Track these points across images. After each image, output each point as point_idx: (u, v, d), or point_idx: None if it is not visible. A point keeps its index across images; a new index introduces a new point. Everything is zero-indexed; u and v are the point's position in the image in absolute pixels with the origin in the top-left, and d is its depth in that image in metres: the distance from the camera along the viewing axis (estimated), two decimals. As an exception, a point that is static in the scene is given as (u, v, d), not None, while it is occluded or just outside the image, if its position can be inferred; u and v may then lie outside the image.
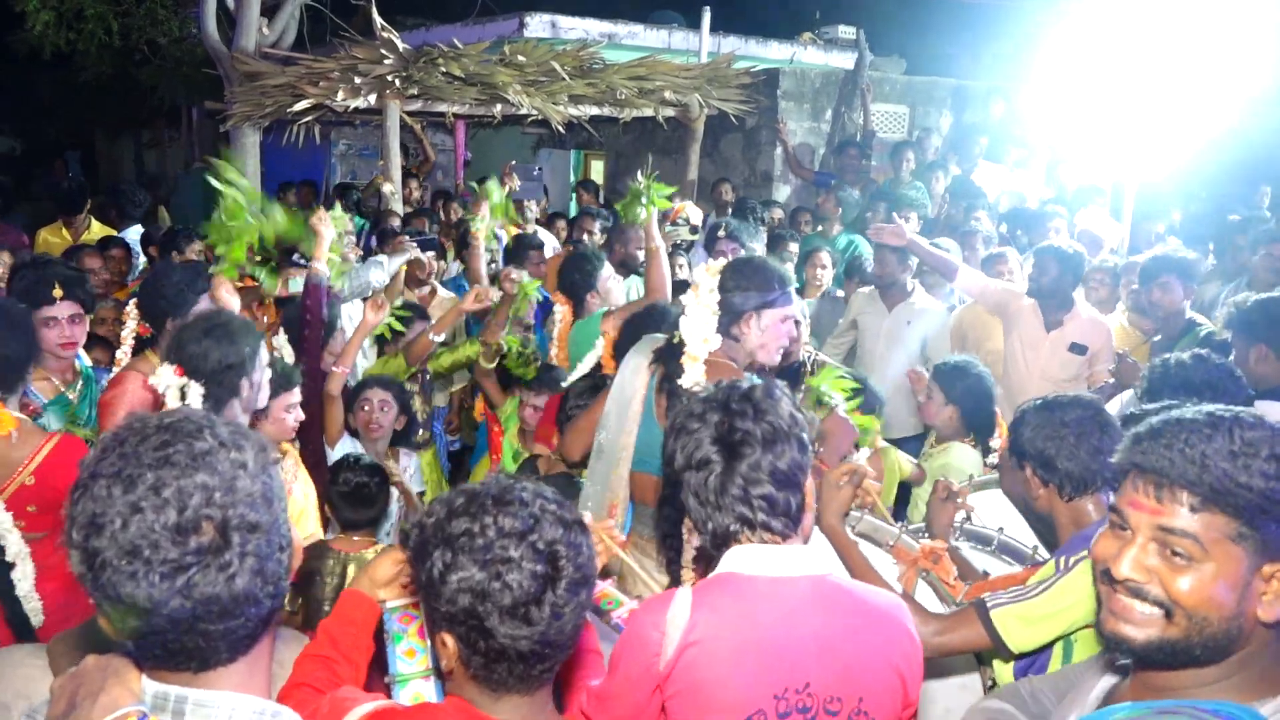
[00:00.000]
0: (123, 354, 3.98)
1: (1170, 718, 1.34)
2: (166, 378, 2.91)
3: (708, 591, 1.90)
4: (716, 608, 1.86)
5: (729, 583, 1.90)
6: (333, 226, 4.20)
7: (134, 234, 7.37)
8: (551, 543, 1.54)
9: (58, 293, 3.73)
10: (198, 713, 1.26)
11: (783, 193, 10.34)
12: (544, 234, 7.91)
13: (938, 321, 5.74)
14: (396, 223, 7.52)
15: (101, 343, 4.78)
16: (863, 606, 1.92)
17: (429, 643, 1.94)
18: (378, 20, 8.64)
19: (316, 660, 1.91)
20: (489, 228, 5.59)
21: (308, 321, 4.06)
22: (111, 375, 3.80)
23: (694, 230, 6.42)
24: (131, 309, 4.00)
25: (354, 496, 3.52)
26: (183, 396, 2.92)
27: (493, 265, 6.49)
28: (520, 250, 6.41)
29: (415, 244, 5.89)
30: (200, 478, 1.21)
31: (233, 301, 3.69)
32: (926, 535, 2.92)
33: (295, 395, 3.51)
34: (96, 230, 7.22)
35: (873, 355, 5.73)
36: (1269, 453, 1.36)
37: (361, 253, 6.29)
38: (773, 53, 11.64)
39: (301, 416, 3.54)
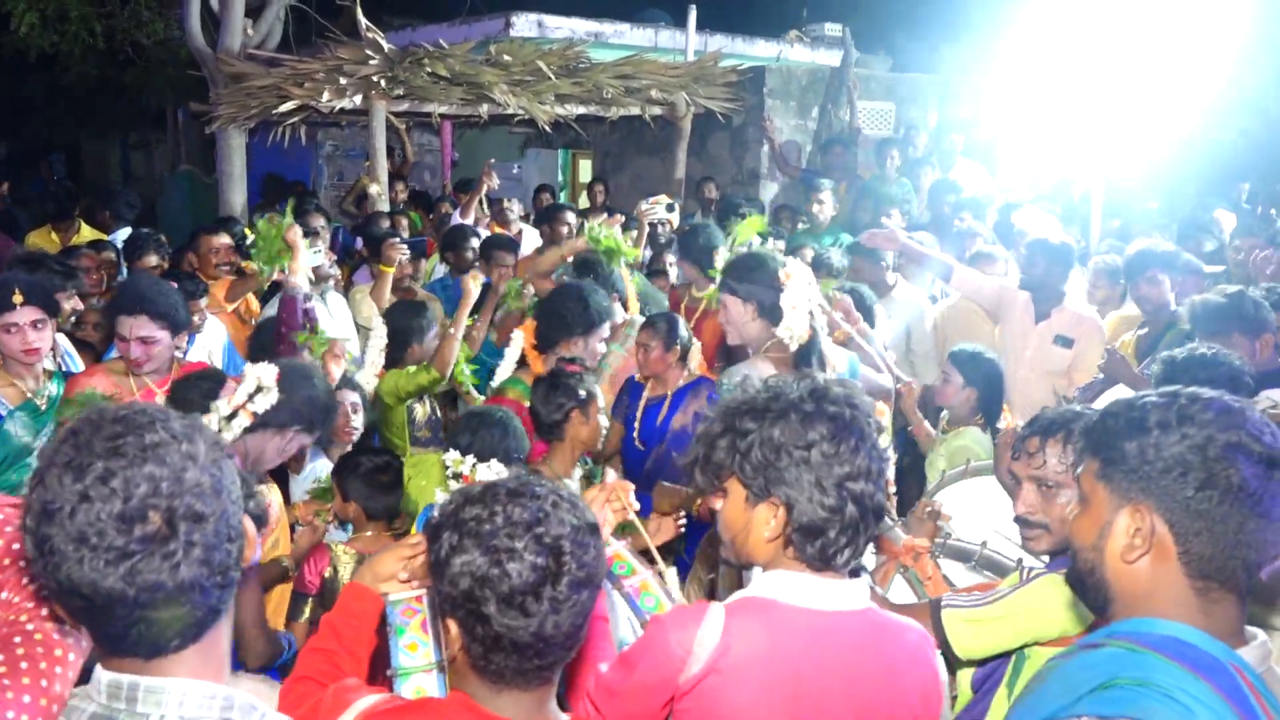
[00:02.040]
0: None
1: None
2: (259, 372, 2.93)
3: (741, 615, 1.82)
4: (748, 635, 1.79)
5: (765, 609, 1.82)
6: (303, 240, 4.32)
7: (120, 236, 7.33)
8: (558, 538, 1.54)
9: (18, 298, 3.63)
10: (149, 699, 1.29)
11: (770, 190, 10.36)
12: (530, 232, 7.91)
13: (918, 311, 5.81)
14: (387, 223, 7.49)
15: (90, 347, 4.75)
16: (895, 648, 1.86)
17: (431, 636, 1.97)
18: (363, 21, 8.63)
19: (319, 653, 1.93)
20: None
21: (282, 335, 4.03)
22: None
23: (670, 208, 6.38)
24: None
25: (376, 481, 3.41)
26: (254, 394, 2.93)
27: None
28: (487, 250, 6.14)
29: (408, 247, 5.98)
30: (148, 468, 1.24)
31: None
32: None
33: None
34: (86, 234, 7.19)
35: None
36: (1138, 411, 1.52)
37: (334, 256, 6.24)
38: (759, 50, 11.66)
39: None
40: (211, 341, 4.94)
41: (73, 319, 4.86)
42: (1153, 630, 1.43)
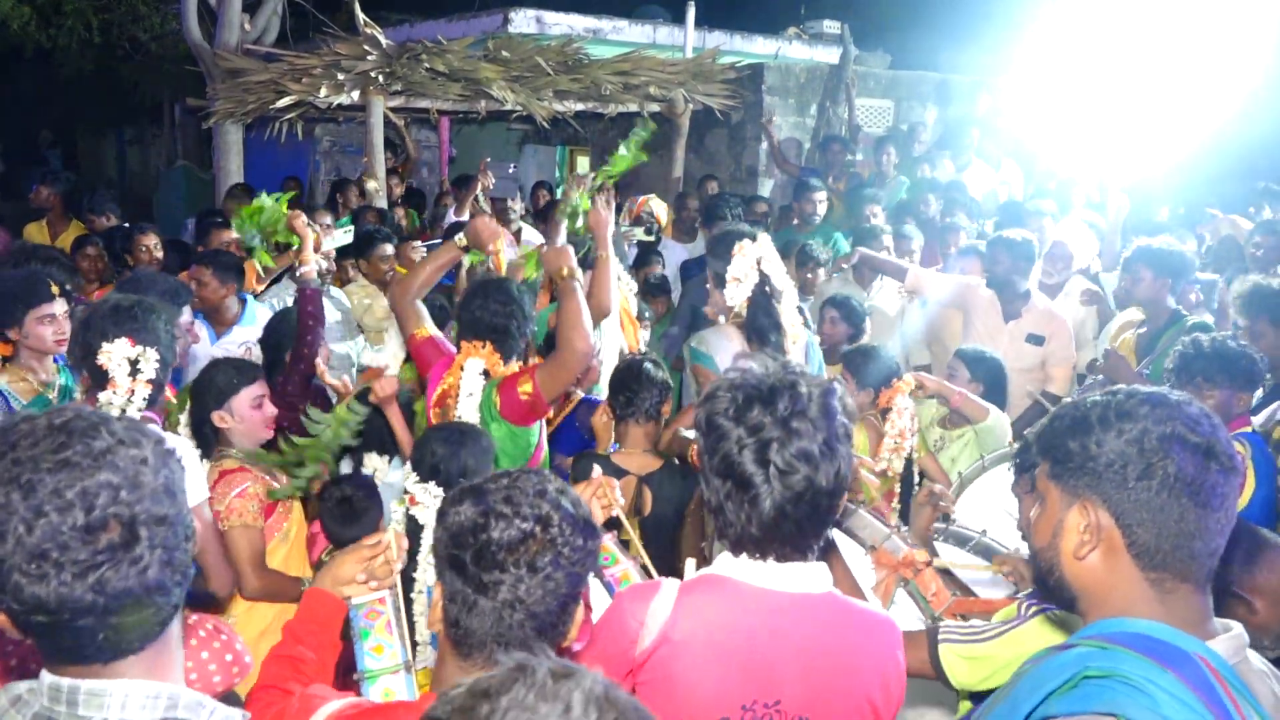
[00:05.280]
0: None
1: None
2: (121, 351, 2.86)
3: (694, 591, 1.87)
4: (699, 609, 1.83)
5: (718, 585, 1.86)
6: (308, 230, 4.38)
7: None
8: (551, 512, 1.59)
9: (55, 289, 3.71)
10: (90, 702, 1.27)
11: (768, 188, 10.34)
12: (529, 231, 7.89)
13: (897, 304, 5.95)
14: (374, 218, 7.48)
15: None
16: (853, 633, 1.86)
17: (396, 637, 1.98)
18: (361, 16, 8.60)
19: (283, 661, 1.91)
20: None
21: (309, 326, 4.01)
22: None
23: (649, 231, 6.38)
24: None
25: (339, 512, 3.35)
26: (134, 368, 2.87)
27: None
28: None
29: (426, 248, 6.08)
30: (104, 476, 1.21)
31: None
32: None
33: (253, 390, 3.32)
34: (74, 229, 7.20)
35: None
36: (1080, 413, 1.54)
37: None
38: (758, 48, 11.64)
39: (274, 412, 3.37)
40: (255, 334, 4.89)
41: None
42: (1121, 628, 1.46)
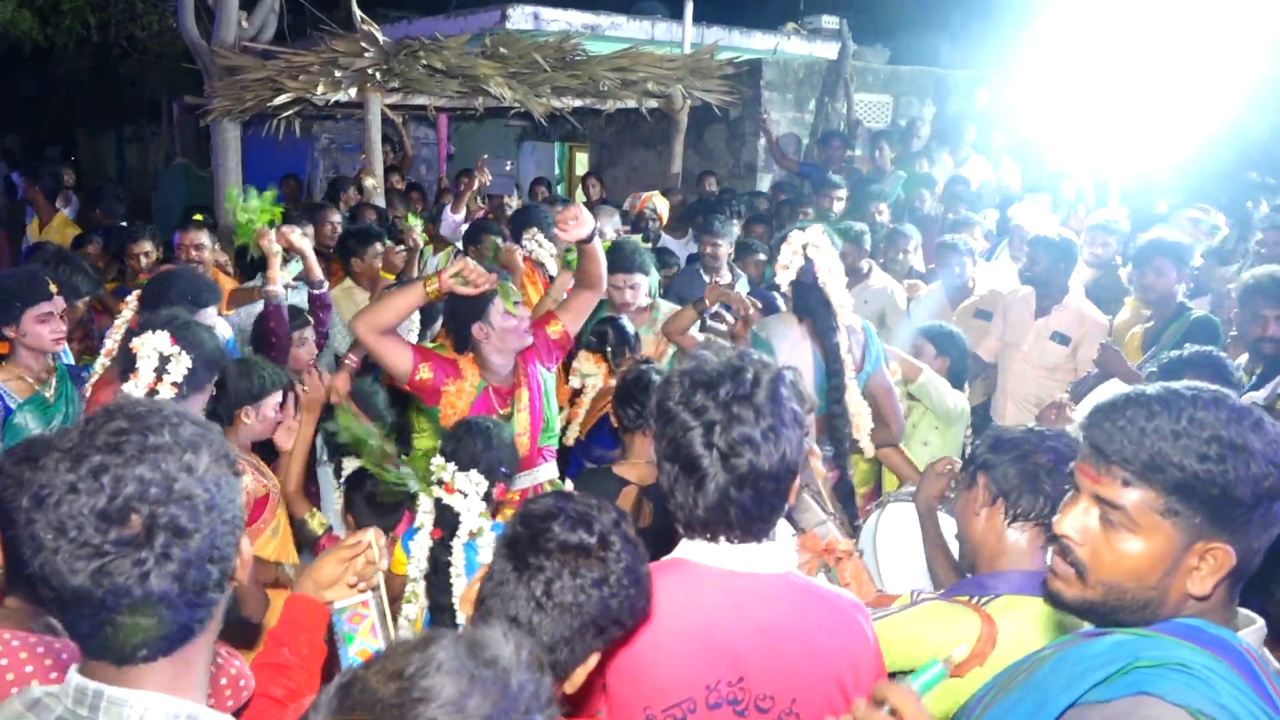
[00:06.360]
0: (112, 342, 3.82)
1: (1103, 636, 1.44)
2: (155, 343, 2.84)
3: (654, 575, 1.88)
4: (658, 592, 1.85)
5: (679, 568, 1.90)
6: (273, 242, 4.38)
7: None
8: (608, 533, 1.65)
9: (53, 287, 3.72)
10: (111, 710, 1.27)
11: (766, 184, 10.33)
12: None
13: (890, 296, 5.93)
14: (374, 216, 7.47)
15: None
16: (817, 611, 1.88)
17: (382, 640, 1.95)
18: (358, 13, 8.59)
19: (270, 669, 1.88)
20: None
21: (272, 344, 4.04)
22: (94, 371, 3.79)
23: (645, 231, 6.41)
24: (132, 300, 3.93)
25: (376, 503, 3.30)
26: (162, 366, 2.85)
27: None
28: (475, 236, 6.01)
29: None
30: (140, 470, 1.21)
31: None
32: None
33: (278, 397, 3.36)
34: (57, 224, 7.23)
35: None
36: (1211, 434, 1.35)
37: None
38: (756, 43, 11.62)
39: (278, 418, 3.40)
40: None
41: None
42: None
